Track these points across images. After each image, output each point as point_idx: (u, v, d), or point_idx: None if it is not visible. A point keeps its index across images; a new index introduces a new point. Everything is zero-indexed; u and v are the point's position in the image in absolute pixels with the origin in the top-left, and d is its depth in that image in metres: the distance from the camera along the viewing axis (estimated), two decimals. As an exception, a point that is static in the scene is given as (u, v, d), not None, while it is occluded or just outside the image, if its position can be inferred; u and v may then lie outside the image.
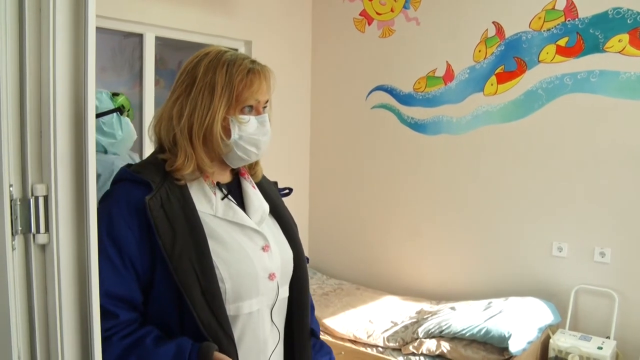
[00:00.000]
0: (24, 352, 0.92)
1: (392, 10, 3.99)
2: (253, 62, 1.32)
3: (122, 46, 3.38)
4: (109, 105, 2.03)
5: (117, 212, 1.20)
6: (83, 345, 0.97)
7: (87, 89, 0.94)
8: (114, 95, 2.09)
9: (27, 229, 0.92)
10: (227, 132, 1.29)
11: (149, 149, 3.34)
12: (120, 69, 3.40)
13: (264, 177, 1.50)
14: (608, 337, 3.17)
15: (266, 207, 1.42)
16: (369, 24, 4.12)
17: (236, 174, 1.43)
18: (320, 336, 1.62)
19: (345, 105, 4.29)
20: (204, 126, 1.26)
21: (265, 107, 1.35)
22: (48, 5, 0.91)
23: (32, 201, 0.91)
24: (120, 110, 2.05)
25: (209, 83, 1.27)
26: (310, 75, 4.46)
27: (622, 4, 3.09)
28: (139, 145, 3.41)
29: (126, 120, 2.09)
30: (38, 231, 0.92)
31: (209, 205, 1.29)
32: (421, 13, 3.86)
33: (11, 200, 0.89)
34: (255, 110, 1.32)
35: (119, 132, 2.03)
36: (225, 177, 1.39)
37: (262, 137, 1.33)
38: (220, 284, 1.22)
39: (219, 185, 1.34)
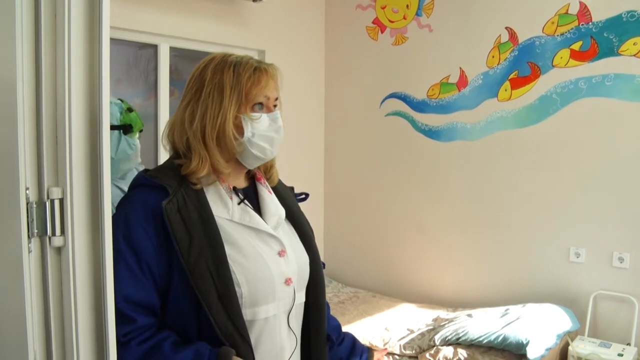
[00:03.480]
0: (40, 354, 0.93)
1: (404, 18, 4.00)
2: (259, 61, 1.34)
3: (137, 57, 3.42)
4: (115, 119, 1.75)
5: (134, 217, 1.21)
6: (98, 348, 0.97)
7: (102, 93, 0.96)
8: (129, 110, 1.84)
9: (43, 232, 0.93)
10: (239, 130, 1.30)
11: (163, 159, 3.36)
12: (136, 80, 3.44)
13: (280, 182, 1.51)
14: (629, 344, 3.12)
15: (282, 212, 1.42)
16: (382, 32, 4.13)
17: (252, 179, 1.43)
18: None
19: (359, 112, 4.30)
20: (217, 127, 1.28)
21: (275, 105, 1.36)
22: (63, 13, 0.93)
23: (48, 204, 0.93)
24: (125, 128, 1.80)
25: (217, 84, 1.28)
26: (324, 83, 4.47)
27: (636, 7, 3.07)
28: (153, 156, 3.44)
29: (132, 141, 1.79)
30: (54, 234, 0.93)
31: (225, 209, 1.30)
32: (434, 20, 3.87)
33: (27, 203, 0.91)
34: (266, 107, 1.33)
35: (112, 152, 1.68)
36: (242, 182, 1.40)
37: (275, 134, 1.34)
38: (237, 288, 1.23)
39: (235, 189, 1.34)
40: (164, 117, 3.47)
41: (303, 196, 1.57)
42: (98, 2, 0.95)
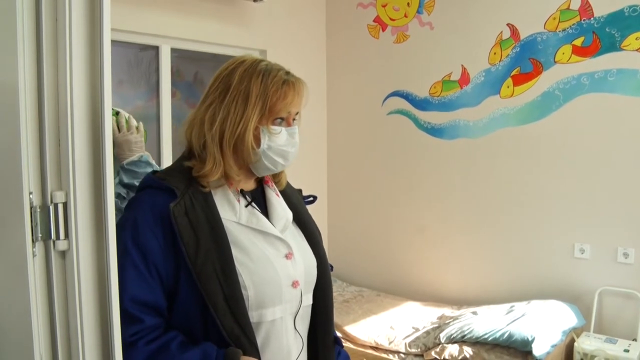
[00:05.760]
0: (46, 357, 0.93)
1: (405, 16, 4.00)
2: (287, 73, 1.32)
3: (139, 59, 3.42)
4: None
5: (142, 219, 1.22)
6: (104, 351, 0.97)
7: (104, 96, 0.95)
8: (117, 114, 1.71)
9: (47, 236, 0.93)
10: (257, 141, 1.29)
11: (167, 161, 3.37)
12: (137, 81, 3.44)
13: (288, 185, 1.50)
14: (634, 340, 3.11)
15: (290, 215, 1.42)
16: (383, 30, 4.12)
17: (260, 182, 1.43)
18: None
19: (362, 111, 4.29)
20: (236, 134, 1.27)
21: (295, 118, 1.35)
22: (64, 16, 0.93)
23: (51, 208, 0.93)
24: None
25: (243, 91, 1.27)
26: (326, 83, 4.47)
27: (638, 2, 3.06)
28: (156, 157, 3.43)
29: None
30: (58, 238, 0.93)
31: (233, 212, 1.30)
32: (435, 17, 3.86)
33: (31, 208, 0.91)
34: (286, 121, 1.33)
35: None
36: (250, 185, 1.39)
37: (291, 149, 1.34)
38: (243, 291, 1.23)
39: (242, 192, 1.34)
40: (166, 118, 3.47)
41: (311, 199, 1.56)
42: (99, 5, 0.95)
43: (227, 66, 1.33)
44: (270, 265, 1.28)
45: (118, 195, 1.49)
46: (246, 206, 1.32)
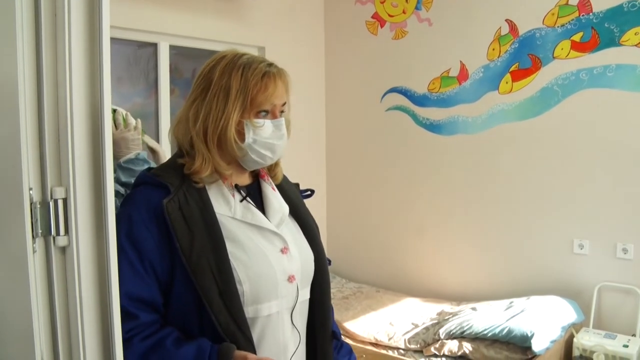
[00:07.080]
0: (47, 354, 0.93)
1: (404, 12, 3.99)
2: (269, 65, 1.31)
3: (137, 56, 3.41)
4: None
5: (136, 215, 1.22)
6: (105, 347, 0.97)
7: (103, 92, 0.95)
8: (114, 112, 1.66)
9: (47, 232, 0.93)
10: (241, 135, 1.29)
11: (165, 158, 3.36)
12: (136, 79, 3.43)
13: (285, 179, 1.50)
14: (634, 335, 3.11)
15: (286, 209, 1.41)
16: (382, 26, 4.12)
17: (256, 176, 1.43)
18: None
19: (360, 107, 4.29)
20: (218, 129, 1.27)
21: (282, 110, 1.35)
22: (63, 13, 0.92)
23: (51, 204, 0.92)
24: None
25: (224, 87, 1.27)
26: (325, 79, 4.47)
27: (636, -3, 3.06)
28: (155, 155, 3.43)
29: None
30: (58, 233, 0.93)
31: (228, 207, 1.30)
32: (433, 14, 3.86)
33: (31, 204, 0.91)
34: (271, 114, 1.32)
35: None
36: (245, 180, 1.39)
37: (277, 141, 1.33)
38: (238, 286, 1.23)
39: (237, 187, 1.34)
40: (165, 115, 3.47)
41: (308, 192, 1.56)
42: (98, 1, 0.95)
43: (209, 62, 1.33)
44: (266, 260, 1.28)
45: (116, 194, 1.49)
46: (241, 201, 1.32)
